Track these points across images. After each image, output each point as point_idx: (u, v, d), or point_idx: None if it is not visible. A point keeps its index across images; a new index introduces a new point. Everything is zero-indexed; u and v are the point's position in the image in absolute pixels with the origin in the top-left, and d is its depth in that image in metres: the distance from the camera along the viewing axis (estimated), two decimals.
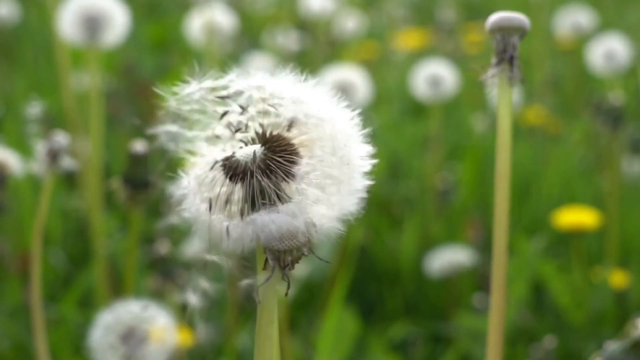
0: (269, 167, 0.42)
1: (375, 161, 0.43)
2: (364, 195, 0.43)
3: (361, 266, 1.38)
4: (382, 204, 1.56)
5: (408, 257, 1.40)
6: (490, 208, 1.52)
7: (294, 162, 0.42)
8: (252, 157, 0.42)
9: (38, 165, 0.80)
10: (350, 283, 1.26)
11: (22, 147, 1.27)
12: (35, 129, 1.48)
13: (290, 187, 0.42)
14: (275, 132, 0.43)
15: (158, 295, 1.03)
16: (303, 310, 1.31)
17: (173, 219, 0.45)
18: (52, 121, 1.53)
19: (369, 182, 0.43)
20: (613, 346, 0.59)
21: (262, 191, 0.42)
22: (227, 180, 0.42)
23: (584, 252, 1.33)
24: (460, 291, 1.35)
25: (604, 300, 1.25)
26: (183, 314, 0.94)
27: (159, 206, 1.44)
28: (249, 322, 1.25)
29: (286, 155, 0.42)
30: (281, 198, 0.42)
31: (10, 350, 1.16)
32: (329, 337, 1.10)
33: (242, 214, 0.42)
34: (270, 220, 0.41)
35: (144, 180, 0.91)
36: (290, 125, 0.43)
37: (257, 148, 0.42)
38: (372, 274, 1.42)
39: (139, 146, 0.92)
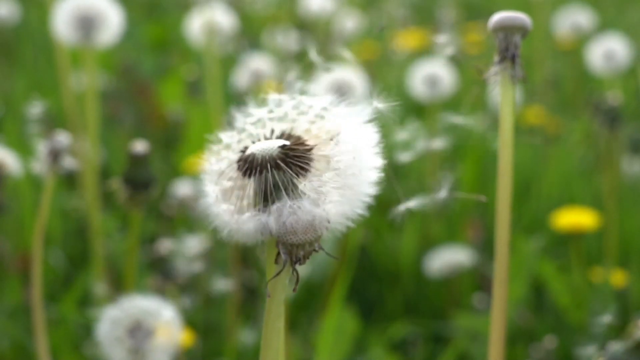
0: (284, 162, 0.42)
1: (384, 168, 0.44)
2: (371, 198, 0.44)
3: (361, 266, 1.38)
4: (382, 204, 1.56)
5: (408, 257, 1.40)
6: (490, 208, 1.52)
7: (308, 161, 0.43)
8: (268, 152, 0.42)
9: (39, 165, 0.80)
10: (350, 283, 1.26)
11: (22, 147, 1.27)
12: (36, 129, 1.48)
13: (303, 185, 0.42)
14: (291, 132, 0.44)
15: (158, 295, 1.03)
16: (303, 310, 1.31)
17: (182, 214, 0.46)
18: (52, 121, 1.53)
19: (376, 186, 0.44)
20: (616, 347, 0.59)
21: (276, 186, 0.42)
22: (242, 173, 0.43)
23: (583, 253, 1.33)
24: (460, 291, 1.35)
25: (604, 300, 1.25)
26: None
27: (158, 206, 1.44)
28: (249, 322, 1.26)
29: (301, 153, 0.43)
30: (294, 194, 0.42)
31: (10, 350, 1.16)
32: (328, 337, 1.10)
33: (255, 207, 0.42)
34: (286, 213, 0.41)
35: (144, 180, 0.91)
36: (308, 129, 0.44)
37: (274, 143, 0.43)
38: (372, 274, 1.42)
39: (139, 146, 0.92)
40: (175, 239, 1.26)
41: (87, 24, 1.23)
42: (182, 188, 1.44)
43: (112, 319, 0.84)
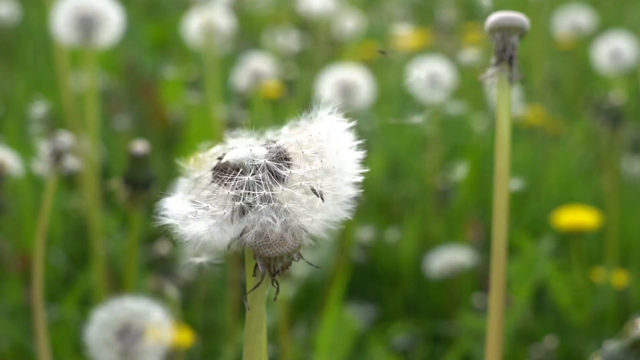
0: (260, 170, 0.41)
1: (366, 169, 0.42)
2: (355, 201, 0.42)
3: (361, 266, 1.38)
4: (382, 204, 1.56)
5: (408, 257, 1.40)
6: (491, 208, 1.52)
7: (285, 167, 0.41)
8: (243, 159, 0.41)
9: (41, 166, 0.80)
10: (350, 282, 1.26)
11: (22, 147, 1.27)
12: (37, 129, 1.48)
13: (281, 192, 0.41)
14: (272, 141, 0.43)
15: (158, 295, 1.03)
16: (303, 310, 1.31)
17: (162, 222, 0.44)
18: (51, 121, 1.53)
19: (360, 190, 0.42)
20: (612, 346, 0.59)
21: (250, 195, 0.40)
22: (217, 182, 0.41)
23: (584, 252, 1.33)
24: (460, 291, 1.35)
25: (605, 300, 1.25)
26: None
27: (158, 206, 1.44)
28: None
29: (277, 160, 0.41)
30: (270, 203, 0.40)
31: (11, 350, 1.16)
32: (328, 337, 1.10)
33: (229, 217, 0.41)
34: (259, 225, 0.40)
35: (144, 180, 0.91)
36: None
37: (250, 150, 0.41)
38: (372, 274, 1.42)
39: (139, 146, 0.92)
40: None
41: (87, 24, 1.23)
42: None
43: (100, 322, 0.83)
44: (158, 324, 0.83)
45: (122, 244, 1.29)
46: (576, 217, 1.30)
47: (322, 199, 0.41)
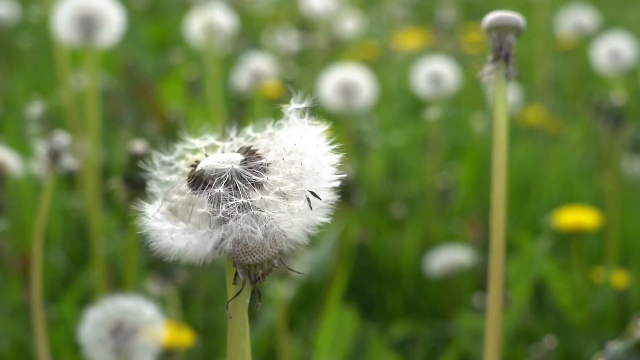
0: (236, 177, 0.40)
1: (344, 174, 0.42)
2: (332, 205, 0.42)
3: (361, 266, 1.38)
4: (382, 204, 1.56)
5: (408, 257, 1.40)
6: (490, 208, 1.52)
7: (262, 174, 0.41)
8: (219, 166, 0.41)
9: (39, 166, 0.80)
10: (350, 282, 1.26)
11: (22, 147, 1.27)
12: (35, 129, 1.48)
13: (258, 198, 0.40)
14: (245, 145, 0.42)
15: (158, 295, 1.03)
16: (303, 310, 1.31)
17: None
18: (51, 121, 1.53)
19: (336, 194, 0.42)
20: (616, 346, 0.59)
21: (227, 202, 0.40)
22: (192, 189, 0.41)
23: (584, 252, 1.33)
24: (460, 291, 1.35)
25: (605, 300, 1.25)
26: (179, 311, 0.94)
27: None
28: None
29: (254, 166, 0.41)
30: (247, 210, 0.40)
31: (11, 350, 1.16)
32: (328, 336, 1.10)
33: (206, 225, 0.40)
34: (237, 232, 0.40)
35: (143, 180, 0.91)
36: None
37: (226, 157, 0.41)
38: (372, 273, 1.42)
39: (139, 146, 0.91)
40: None
41: (88, 24, 1.23)
42: None
43: (94, 321, 0.84)
44: (151, 321, 0.84)
45: (122, 244, 1.29)
46: (576, 217, 1.30)
47: (310, 201, 0.40)
